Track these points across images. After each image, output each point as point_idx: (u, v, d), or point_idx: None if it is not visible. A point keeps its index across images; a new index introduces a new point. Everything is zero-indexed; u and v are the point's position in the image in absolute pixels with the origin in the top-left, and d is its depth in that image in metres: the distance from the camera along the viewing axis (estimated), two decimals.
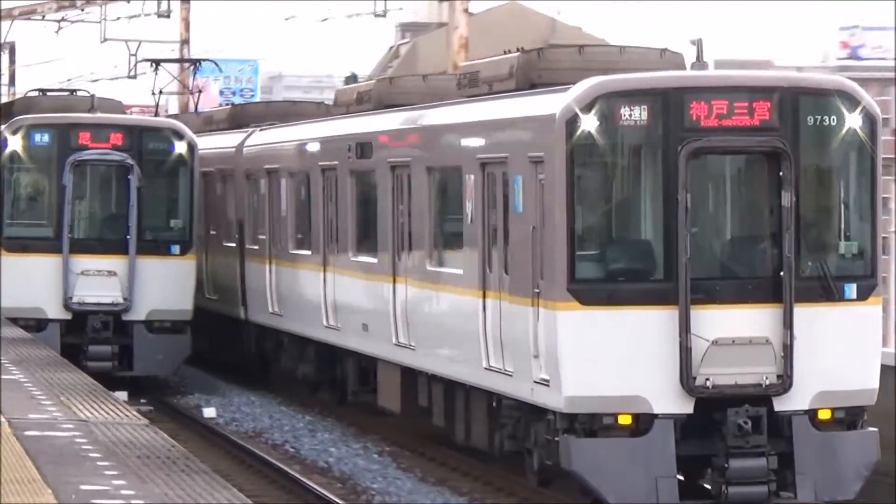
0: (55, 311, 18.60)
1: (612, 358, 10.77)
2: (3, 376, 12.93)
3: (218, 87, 46.98)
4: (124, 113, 21.79)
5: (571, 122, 11.20)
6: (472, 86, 14.36)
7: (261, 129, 20.29)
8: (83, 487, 7.18)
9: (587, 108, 11.23)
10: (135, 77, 31.92)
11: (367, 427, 17.46)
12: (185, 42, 34.11)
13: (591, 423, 11.51)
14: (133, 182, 18.49)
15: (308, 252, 17.85)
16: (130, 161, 18.58)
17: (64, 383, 13.58)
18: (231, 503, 6.58)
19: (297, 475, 14.32)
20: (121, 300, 18.73)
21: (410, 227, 15.46)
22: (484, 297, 13.16)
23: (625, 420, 10.68)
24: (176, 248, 19.05)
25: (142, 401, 17.33)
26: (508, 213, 13.06)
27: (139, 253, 18.69)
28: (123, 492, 7.08)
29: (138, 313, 18.79)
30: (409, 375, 15.17)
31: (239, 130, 20.78)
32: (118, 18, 33.24)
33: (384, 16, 28.16)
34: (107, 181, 19.16)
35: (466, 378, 14.07)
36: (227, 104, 32.60)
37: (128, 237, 18.72)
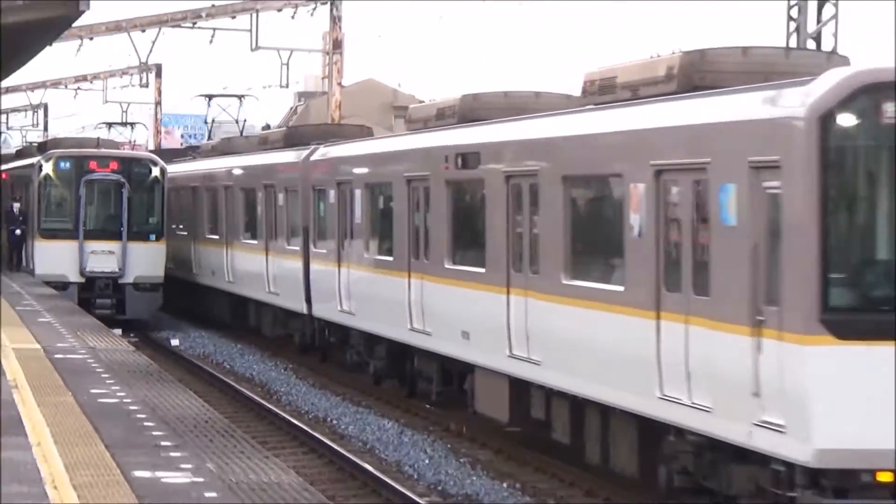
0: (74, 276, 26.07)
1: (873, 403, 9.26)
2: (38, 319, 19.40)
3: (179, 132, 73.04)
4: (119, 149, 31.79)
5: (825, 119, 9.81)
6: (604, 92, 13.68)
7: (325, 146, 22.29)
8: (92, 391, 12.76)
9: (845, 104, 9.90)
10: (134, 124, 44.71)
11: (316, 367, 22.58)
12: (157, 103, 48.69)
13: (842, 481, 10.14)
14: (124, 193, 26.41)
15: (389, 258, 18.41)
16: (122, 180, 26.45)
17: (79, 323, 19.73)
18: (190, 403, 12.44)
19: (231, 382, 21.31)
20: (117, 270, 26.35)
21: (534, 238, 14.70)
22: (658, 318, 11.88)
23: (885, 477, 9.28)
24: (153, 237, 26.86)
25: (130, 335, 23.71)
26: (709, 225, 11.68)
27: (129, 239, 26.35)
28: (119, 394, 12.78)
29: (128, 278, 26.45)
30: (520, 387, 14.44)
31: (296, 148, 23.58)
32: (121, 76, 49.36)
33: (287, 87, 42.47)
34: (107, 193, 26.84)
35: (630, 406, 12.88)
36: (186, 144, 45.48)
37: (121, 229, 26.34)
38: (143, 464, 9.16)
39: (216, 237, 26.94)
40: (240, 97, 33.68)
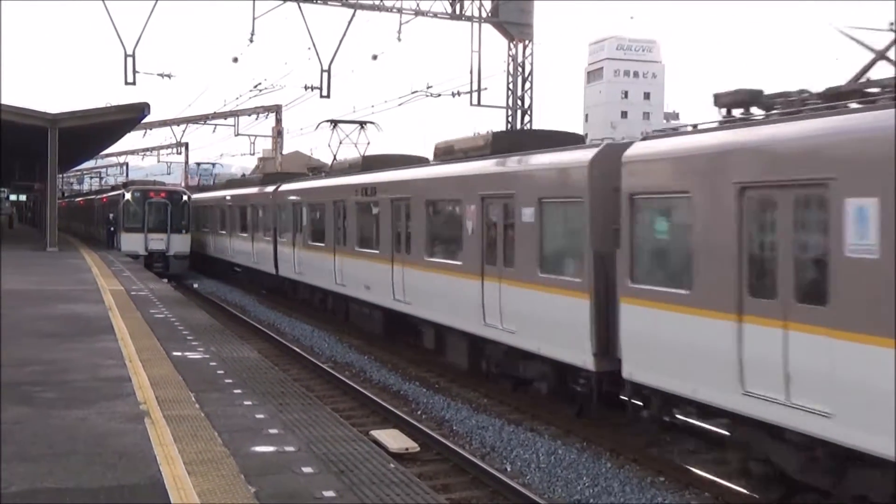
0: (142, 251, 38.50)
1: None
2: (122, 274, 28.38)
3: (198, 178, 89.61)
4: (166, 185, 44.93)
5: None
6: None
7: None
8: (150, 311, 19.11)
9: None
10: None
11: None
12: (186, 162, 78.60)
13: None
14: (169, 209, 39.24)
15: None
16: (167, 201, 39.38)
17: (145, 276, 28.74)
18: (201, 317, 19.02)
19: (224, 305, 32.02)
20: (165, 248, 38.99)
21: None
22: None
23: None
24: (184, 230, 39.54)
25: (172, 283, 30.58)
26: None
27: (171, 233, 39.10)
28: (164, 312, 19.01)
29: (171, 252, 39.05)
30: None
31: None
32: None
33: (253, 154, 72.04)
34: (160, 208, 39.41)
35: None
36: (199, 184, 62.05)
37: (168, 226, 39.08)
38: (176, 348, 13.97)
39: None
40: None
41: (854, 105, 9.34)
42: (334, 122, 29.93)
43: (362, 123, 29.74)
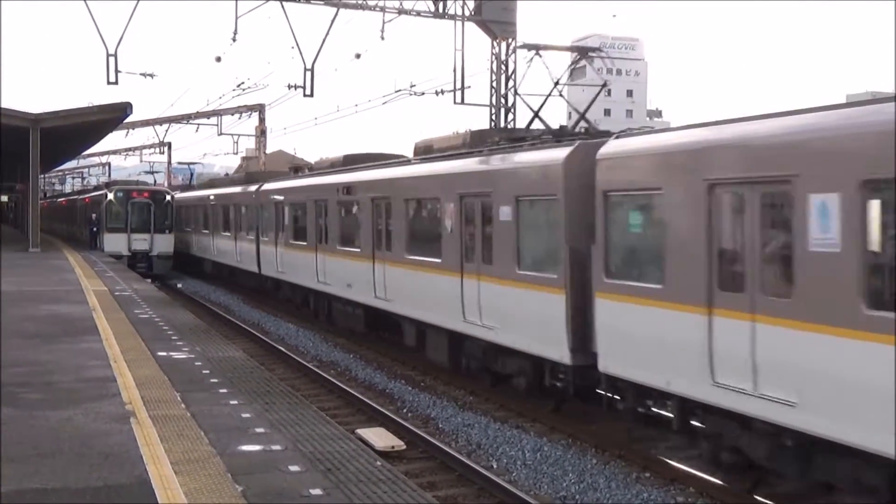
0: (125, 251, 38.44)
1: None
2: (105, 274, 28.26)
3: (181, 177, 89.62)
4: (148, 185, 46.97)
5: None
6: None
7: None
8: (134, 311, 19.05)
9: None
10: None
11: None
12: (169, 163, 78.65)
13: None
14: (152, 209, 39.06)
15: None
16: (150, 202, 39.23)
17: (128, 277, 28.58)
18: (186, 317, 18.66)
19: (208, 305, 31.99)
20: (148, 248, 39.00)
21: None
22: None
23: None
24: (167, 231, 39.52)
25: (156, 283, 31.43)
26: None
27: (154, 232, 39.04)
28: (149, 312, 18.97)
29: (154, 252, 39.03)
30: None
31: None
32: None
33: (236, 154, 71.42)
34: (143, 208, 39.25)
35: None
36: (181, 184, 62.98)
37: (150, 226, 39.04)
38: (161, 348, 13.90)
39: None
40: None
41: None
42: None
43: None
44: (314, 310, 26.18)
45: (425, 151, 19.41)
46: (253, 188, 32.16)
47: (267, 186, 30.42)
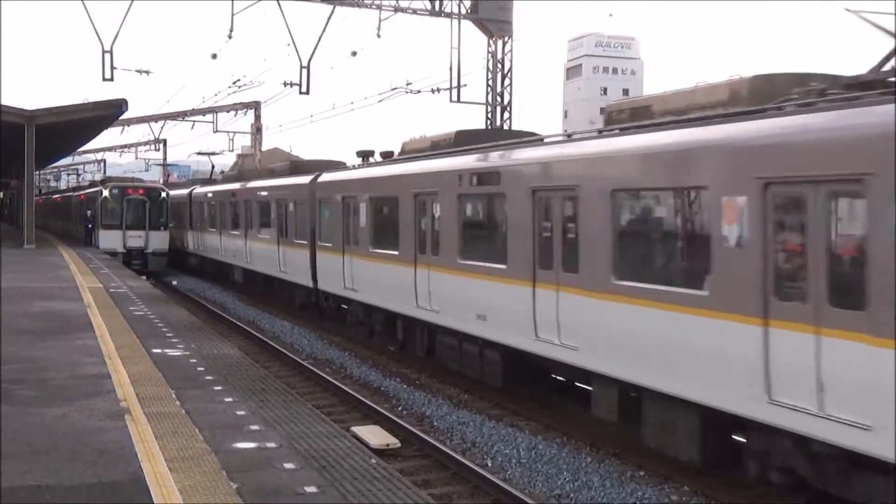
0: (120, 248, 38.52)
1: None
2: (101, 271, 28.20)
3: (175, 174, 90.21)
4: (144, 183, 45.65)
5: None
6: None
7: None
8: (129, 308, 19.07)
9: None
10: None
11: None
12: (164, 160, 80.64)
13: None
14: (147, 206, 39.04)
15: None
16: (146, 198, 39.26)
17: (123, 274, 28.82)
18: (181, 314, 18.96)
19: (203, 302, 31.88)
20: (143, 245, 38.90)
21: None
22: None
23: None
24: (162, 228, 39.51)
25: (150, 280, 32.26)
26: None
27: (150, 229, 39.04)
28: (144, 309, 19.08)
29: (149, 249, 39.00)
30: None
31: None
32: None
33: (232, 151, 69.12)
34: (138, 205, 39.22)
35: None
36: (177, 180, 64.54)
37: (146, 223, 38.98)
38: (156, 345, 13.98)
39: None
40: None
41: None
42: None
43: None
44: (401, 341, 19.87)
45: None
46: (305, 180, 25.79)
47: (327, 177, 24.37)
